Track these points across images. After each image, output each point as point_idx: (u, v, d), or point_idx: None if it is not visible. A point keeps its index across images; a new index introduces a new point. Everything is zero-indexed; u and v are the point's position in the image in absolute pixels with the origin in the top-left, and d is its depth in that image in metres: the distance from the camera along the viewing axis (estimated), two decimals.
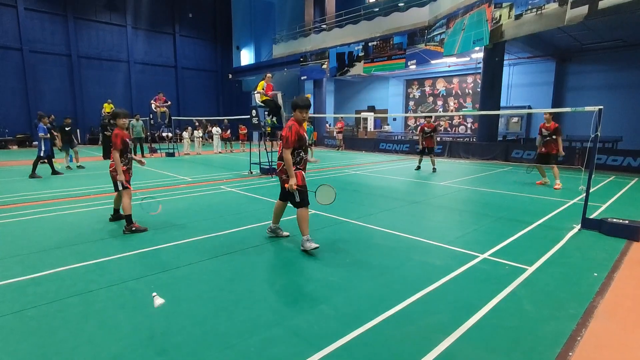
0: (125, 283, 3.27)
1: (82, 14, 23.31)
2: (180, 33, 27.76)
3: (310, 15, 23.86)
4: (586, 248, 4.30)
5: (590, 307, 2.90)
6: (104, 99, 17.30)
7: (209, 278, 3.41)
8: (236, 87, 30.64)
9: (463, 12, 13.73)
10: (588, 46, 14.92)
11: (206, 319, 2.71)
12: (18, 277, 3.39)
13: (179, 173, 10.44)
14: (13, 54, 21.01)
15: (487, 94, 14.13)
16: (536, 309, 2.85)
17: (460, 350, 2.33)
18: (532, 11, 11.13)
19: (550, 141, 8.08)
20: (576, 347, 2.38)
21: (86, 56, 23.65)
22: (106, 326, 2.59)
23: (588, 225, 4.99)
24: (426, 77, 22.01)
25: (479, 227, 5.14)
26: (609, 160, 11.44)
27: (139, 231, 4.76)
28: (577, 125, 15.75)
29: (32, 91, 21.64)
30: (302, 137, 4.03)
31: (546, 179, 8.57)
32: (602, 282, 3.35)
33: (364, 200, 7.07)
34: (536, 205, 6.43)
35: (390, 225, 5.16)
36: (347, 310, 2.82)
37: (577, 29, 12.01)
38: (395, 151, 17.82)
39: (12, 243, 4.35)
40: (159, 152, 16.71)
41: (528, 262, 3.77)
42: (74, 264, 3.69)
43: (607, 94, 15.33)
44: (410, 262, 3.81)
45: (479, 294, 3.07)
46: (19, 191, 7.56)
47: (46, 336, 2.47)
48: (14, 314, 2.74)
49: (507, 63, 16.50)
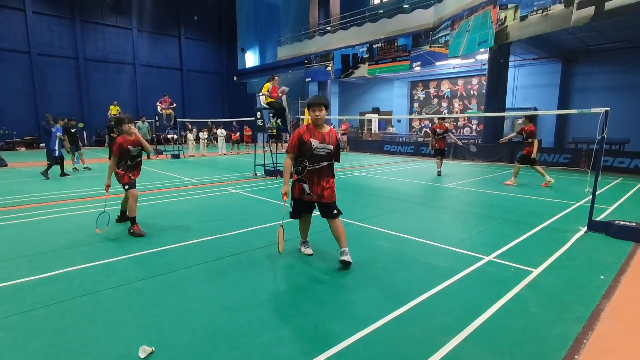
0: (132, 284, 3.30)
1: (89, 17, 23.60)
2: (185, 35, 27.99)
3: (314, 17, 23.94)
4: (592, 250, 4.27)
5: (596, 310, 2.88)
6: (110, 101, 17.47)
7: (214, 279, 3.44)
8: (241, 89, 30.79)
9: (468, 14, 13.71)
10: (594, 47, 14.81)
11: (212, 319, 2.73)
12: (27, 277, 3.43)
13: (184, 175, 10.51)
14: (21, 57, 21.31)
15: (492, 95, 14.08)
16: (542, 312, 2.84)
17: (465, 352, 2.33)
18: (537, 12, 11.09)
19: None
20: (582, 350, 2.36)
21: (93, 59, 23.92)
22: (114, 326, 2.62)
23: (595, 227, 4.96)
24: (431, 78, 21.97)
25: (484, 229, 5.12)
26: (615, 162, 11.34)
27: (135, 235, 4.68)
28: (583, 127, 15.63)
29: (40, 94, 21.93)
30: (304, 142, 3.56)
31: (514, 180, 8.82)
32: (609, 285, 3.33)
33: (368, 201, 7.07)
34: (542, 207, 6.39)
35: (395, 227, 5.16)
36: (352, 311, 2.83)
37: (583, 30, 11.93)
38: (400, 153, 17.79)
39: (21, 244, 4.41)
40: (164, 153, 16.82)
41: (534, 265, 3.76)
42: (81, 265, 3.73)
43: (614, 95, 15.19)
44: (415, 264, 3.81)
45: (484, 296, 3.07)
46: (28, 192, 7.65)
47: (55, 335, 2.50)
48: (23, 314, 2.78)
49: (513, 64, 16.42)
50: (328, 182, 3.73)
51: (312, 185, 3.71)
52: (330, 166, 3.76)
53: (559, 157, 12.64)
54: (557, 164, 12.45)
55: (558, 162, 12.51)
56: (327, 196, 3.70)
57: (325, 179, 3.71)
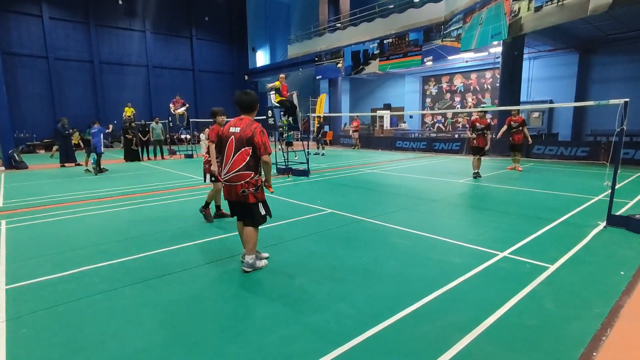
0: (148, 281, 3.38)
1: (103, 21, 24.06)
2: (196, 36, 28.26)
3: (324, 14, 23.86)
4: (612, 245, 4.16)
5: (616, 307, 2.81)
6: (124, 103, 17.80)
7: (229, 277, 3.49)
8: (252, 88, 30.96)
9: (480, 6, 13.45)
10: (613, 36, 14.34)
11: (226, 316, 2.77)
12: (49, 275, 3.55)
13: (197, 174, 10.65)
14: (39, 61, 21.89)
15: (506, 89, 13.80)
16: (558, 308, 2.79)
17: (479, 349, 2.30)
18: (553, 2, 10.79)
19: (517, 132, 9.80)
20: (601, 348, 2.31)
21: (107, 62, 24.40)
22: (131, 322, 2.69)
23: (614, 222, 4.82)
24: (443, 73, 21.67)
25: (499, 224, 5.04)
26: (637, 155, 10.98)
27: (208, 218, 5.36)
28: (602, 119, 15.18)
29: (58, 97, 22.51)
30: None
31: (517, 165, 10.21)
32: (629, 281, 3.24)
33: (381, 198, 7.04)
34: (559, 202, 6.25)
35: (408, 223, 5.12)
36: (365, 308, 2.83)
37: (601, 19, 11.56)
38: (412, 149, 17.62)
39: (43, 243, 4.55)
40: (178, 153, 17.08)
41: (550, 260, 3.68)
42: (100, 263, 3.83)
43: (635, 85, 14.68)
44: (429, 261, 3.78)
45: (499, 293, 3.03)
46: (48, 193, 7.88)
47: (75, 331, 2.59)
48: (46, 310, 2.88)
49: (527, 57, 16.05)
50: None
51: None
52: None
53: (576, 151, 12.32)
54: (575, 157, 12.14)
55: (576, 155, 12.19)
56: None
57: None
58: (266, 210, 3.53)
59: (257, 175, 3.39)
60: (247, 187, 3.33)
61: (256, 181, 3.37)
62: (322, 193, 7.54)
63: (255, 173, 3.35)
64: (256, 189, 3.38)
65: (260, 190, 3.46)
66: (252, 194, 3.36)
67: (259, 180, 3.43)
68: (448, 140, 16.86)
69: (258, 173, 3.40)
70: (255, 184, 3.36)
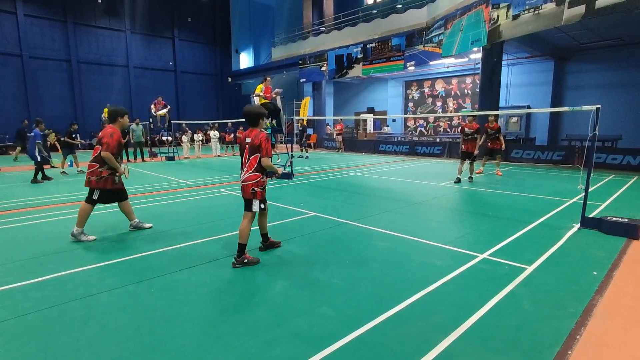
0: (125, 287, 3.28)
1: (82, 20, 23.44)
2: (179, 37, 27.89)
3: (308, 17, 23.95)
4: (585, 247, 4.30)
5: (589, 306, 2.90)
6: (103, 104, 17.36)
7: (209, 281, 3.42)
8: (235, 90, 30.73)
9: (461, 13, 13.77)
10: (586, 45, 14.92)
11: (207, 321, 2.71)
12: (20, 282, 3.40)
13: (179, 177, 10.46)
14: (13, 60, 21.12)
15: (486, 94, 14.14)
16: (536, 308, 2.86)
17: (460, 350, 2.34)
18: (529, 11, 11.16)
19: (495, 139, 10.04)
20: (575, 346, 2.38)
21: (86, 61, 23.76)
22: (107, 330, 2.60)
23: (587, 224, 5.00)
24: (425, 78, 22.04)
25: (479, 227, 5.15)
26: (608, 159, 11.44)
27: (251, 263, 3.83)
28: (576, 125, 15.74)
29: (32, 97, 21.74)
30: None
31: (482, 169, 10.71)
32: (602, 281, 3.36)
33: (364, 201, 7.08)
34: (536, 205, 6.44)
35: (390, 226, 5.16)
36: (348, 311, 2.83)
37: (575, 28, 12.02)
38: (395, 152, 17.83)
39: (13, 248, 4.36)
40: (159, 156, 16.73)
41: (527, 262, 3.78)
42: (74, 269, 3.70)
43: (606, 92, 15.33)
44: (411, 263, 3.82)
45: (479, 294, 3.08)
46: (20, 197, 7.58)
47: (47, 340, 2.48)
48: (16, 319, 2.75)
49: (506, 63, 16.51)
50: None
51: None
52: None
53: (552, 155, 12.74)
54: (551, 161, 12.53)
55: (552, 160, 12.60)
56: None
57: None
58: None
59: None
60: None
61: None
62: (306, 196, 7.53)
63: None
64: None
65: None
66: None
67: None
68: (430, 144, 17.15)
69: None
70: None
